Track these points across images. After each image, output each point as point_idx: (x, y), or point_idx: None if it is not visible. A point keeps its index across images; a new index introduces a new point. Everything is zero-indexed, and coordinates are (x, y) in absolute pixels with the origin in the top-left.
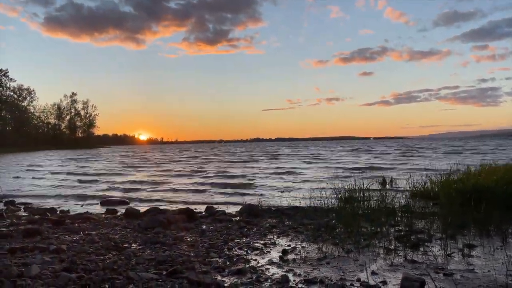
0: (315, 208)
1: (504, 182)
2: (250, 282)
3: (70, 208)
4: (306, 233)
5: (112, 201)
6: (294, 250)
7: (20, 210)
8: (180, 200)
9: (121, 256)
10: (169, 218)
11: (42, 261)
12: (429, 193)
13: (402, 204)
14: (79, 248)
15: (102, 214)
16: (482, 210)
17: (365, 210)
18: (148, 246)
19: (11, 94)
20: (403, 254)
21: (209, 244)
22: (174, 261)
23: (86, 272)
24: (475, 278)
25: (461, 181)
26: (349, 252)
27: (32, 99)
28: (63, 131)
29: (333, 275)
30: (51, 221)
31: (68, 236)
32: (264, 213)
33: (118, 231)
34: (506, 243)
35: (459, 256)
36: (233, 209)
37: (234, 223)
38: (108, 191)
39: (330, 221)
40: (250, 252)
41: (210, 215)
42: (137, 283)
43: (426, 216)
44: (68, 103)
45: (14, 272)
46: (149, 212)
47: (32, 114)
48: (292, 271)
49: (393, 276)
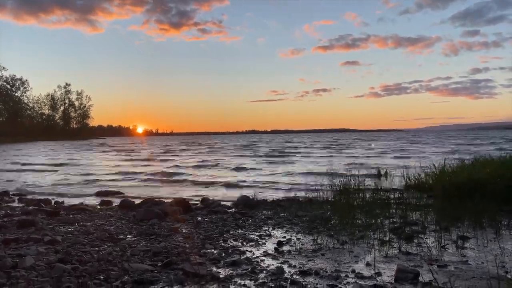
0: (310, 200)
1: (497, 175)
2: (245, 274)
3: (65, 199)
4: (301, 224)
5: (107, 192)
6: (289, 242)
7: (14, 201)
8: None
9: (116, 247)
10: (165, 210)
11: (36, 252)
12: (424, 185)
13: (397, 196)
14: (74, 239)
15: (97, 205)
16: (476, 203)
17: (360, 202)
18: (143, 237)
19: (4, 84)
20: (397, 246)
21: (205, 236)
22: (170, 253)
23: (81, 263)
24: (469, 270)
25: (455, 173)
26: (344, 244)
27: (26, 89)
28: (57, 122)
29: (328, 267)
30: (46, 212)
31: (63, 227)
32: (260, 204)
33: (113, 222)
34: (499, 235)
35: (453, 248)
36: (228, 201)
37: (229, 214)
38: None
39: (325, 213)
40: (245, 243)
41: (205, 207)
42: (132, 274)
43: (421, 208)
44: (62, 93)
45: (8, 263)
46: (144, 203)
47: (26, 104)
48: (287, 262)
49: (387, 268)
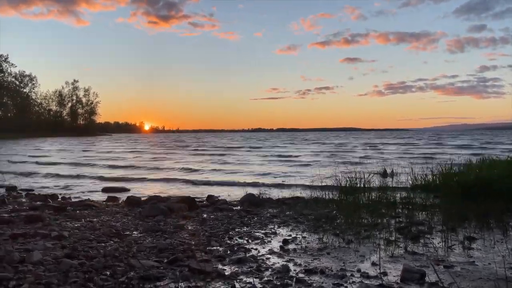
0: (316, 199)
1: (505, 175)
2: (250, 271)
3: (72, 194)
4: (306, 223)
5: (114, 189)
6: (294, 240)
7: (22, 196)
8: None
9: (122, 243)
10: (170, 207)
11: (44, 247)
12: (431, 185)
13: (403, 196)
14: (81, 235)
15: (104, 201)
16: (483, 203)
17: (366, 201)
18: (149, 234)
19: (12, 80)
20: (403, 246)
21: (210, 233)
22: (175, 249)
23: (88, 258)
24: (475, 271)
25: (463, 173)
26: (350, 243)
27: (34, 85)
28: (65, 118)
29: (333, 266)
30: (53, 208)
31: (69, 222)
32: (265, 202)
33: (120, 218)
34: (506, 236)
35: (459, 249)
36: (234, 198)
37: (235, 212)
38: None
39: (331, 211)
40: (250, 241)
41: (211, 204)
42: (138, 270)
43: (427, 208)
44: (69, 90)
45: (16, 258)
46: (150, 200)
47: (34, 100)
48: (292, 261)
49: (393, 268)
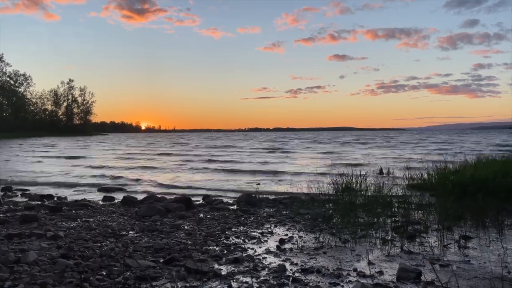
0: (312, 198)
1: (500, 175)
2: (247, 271)
3: (68, 194)
4: (303, 222)
5: (110, 188)
6: (291, 240)
7: (17, 196)
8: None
9: (119, 243)
10: (167, 206)
11: (39, 248)
12: (427, 184)
13: (399, 194)
14: (77, 235)
15: (100, 201)
16: (479, 202)
17: (362, 200)
18: (146, 233)
19: (7, 79)
20: (399, 245)
21: (207, 233)
22: (172, 249)
23: (84, 258)
24: (471, 270)
25: (458, 173)
26: (346, 242)
27: (29, 84)
28: (60, 117)
29: (330, 265)
30: (49, 208)
31: (65, 222)
32: (261, 202)
33: (116, 218)
34: (502, 235)
35: (455, 248)
36: (230, 198)
37: (231, 212)
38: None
39: (327, 211)
40: (247, 241)
41: (207, 204)
42: (135, 270)
43: (423, 207)
44: (65, 89)
45: (11, 258)
46: (146, 200)
47: (29, 100)
48: (289, 260)
49: (389, 267)
